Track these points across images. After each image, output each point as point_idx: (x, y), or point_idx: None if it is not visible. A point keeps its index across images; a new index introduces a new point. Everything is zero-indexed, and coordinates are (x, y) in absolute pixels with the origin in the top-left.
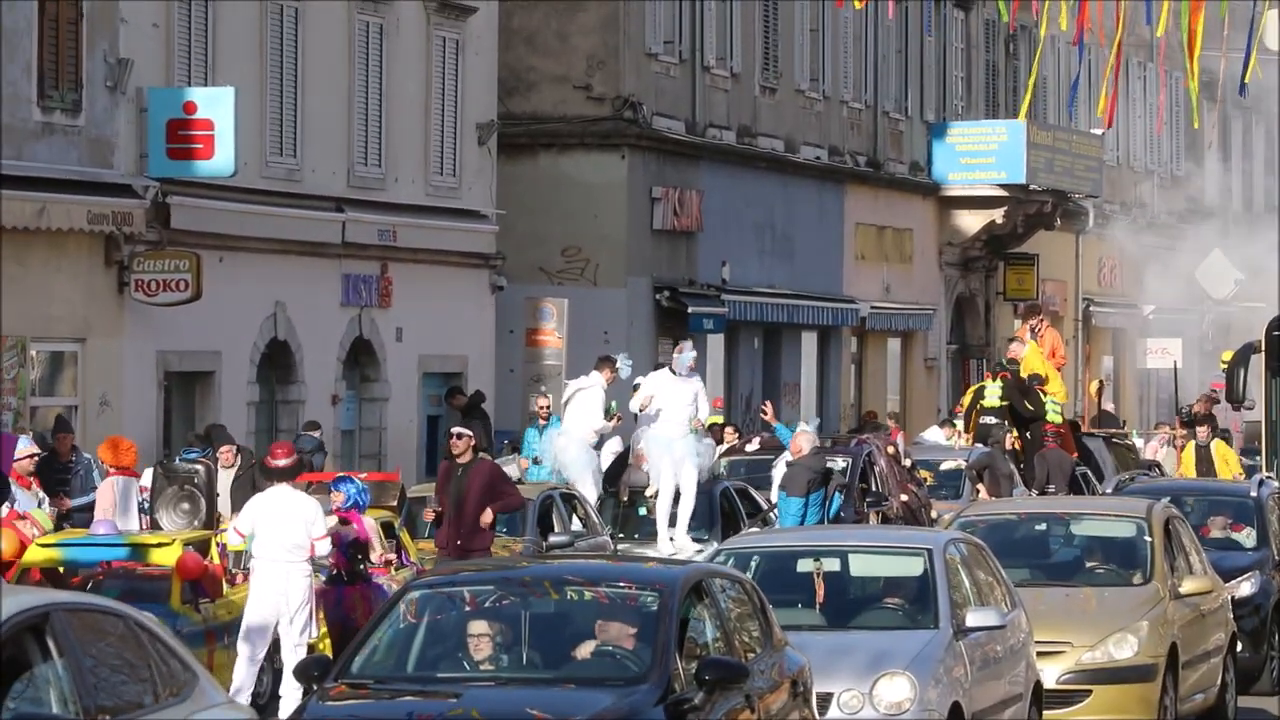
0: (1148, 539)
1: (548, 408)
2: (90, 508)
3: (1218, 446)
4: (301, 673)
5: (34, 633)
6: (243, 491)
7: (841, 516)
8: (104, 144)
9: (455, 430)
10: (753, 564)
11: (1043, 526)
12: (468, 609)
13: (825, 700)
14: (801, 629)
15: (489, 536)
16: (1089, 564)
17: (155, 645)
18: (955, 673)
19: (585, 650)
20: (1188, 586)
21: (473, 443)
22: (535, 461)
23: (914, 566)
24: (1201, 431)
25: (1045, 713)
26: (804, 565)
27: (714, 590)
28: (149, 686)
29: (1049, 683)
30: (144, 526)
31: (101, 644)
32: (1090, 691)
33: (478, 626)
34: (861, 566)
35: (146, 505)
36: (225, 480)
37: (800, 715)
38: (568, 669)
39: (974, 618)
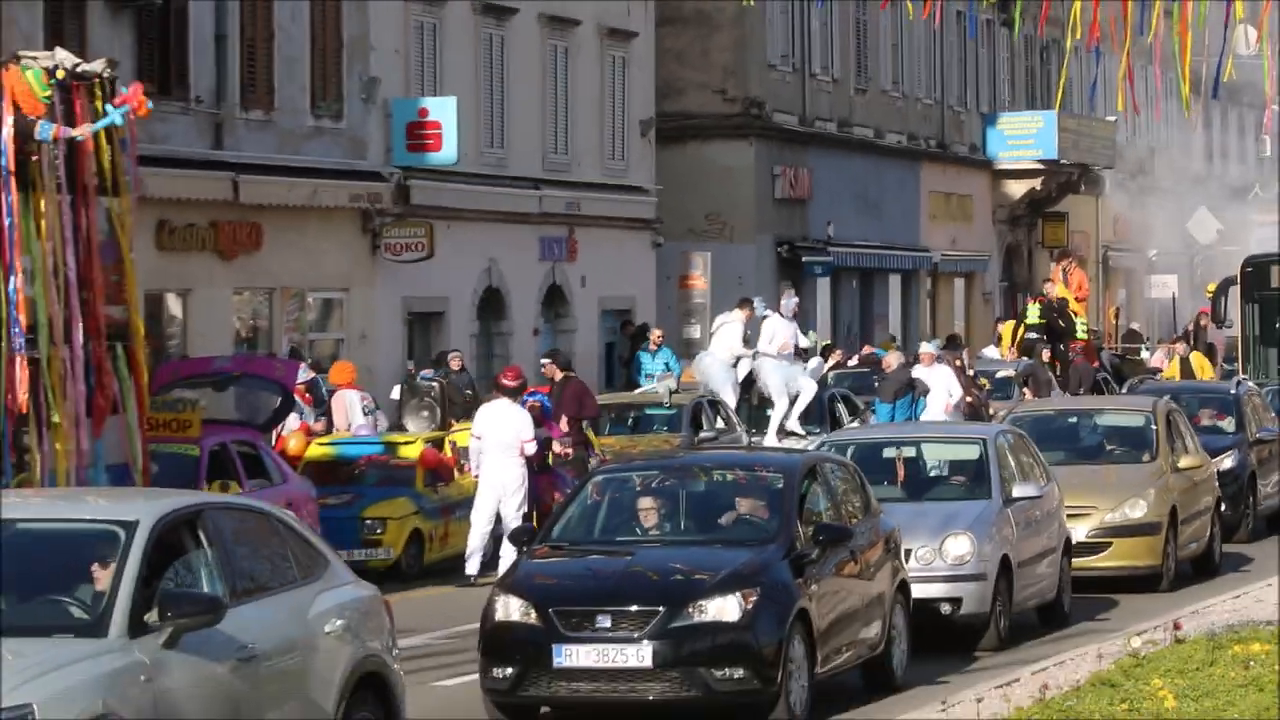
0: (1154, 427)
1: (661, 337)
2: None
3: (1195, 357)
4: (515, 538)
5: (188, 526)
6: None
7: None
8: (359, 142)
9: (543, 358)
10: (849, 452)
11: (1074, 419)
12: (638, 489)
13: (905, 555)
14: (886, 501)
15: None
16: (1109, 447)
17: (292, 536)
18: (1004, 532)
19: (729, 519)
20: (1184, 462)
21: (556, 364)
22: (648, 378)
23: (972, 452)
24: (1180, 347)
25: (1076, 559)
26: (888, 453)
27: (825, 472)
28: (286, 569)
29: (1079, 537)
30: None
31: (246, 536)
32: (1111, 543)
33: (645, 502)
34: (932, 453)
35: (369, 410)
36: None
37: (892, 564)
38: (716, 533)
39: (1018, 490)
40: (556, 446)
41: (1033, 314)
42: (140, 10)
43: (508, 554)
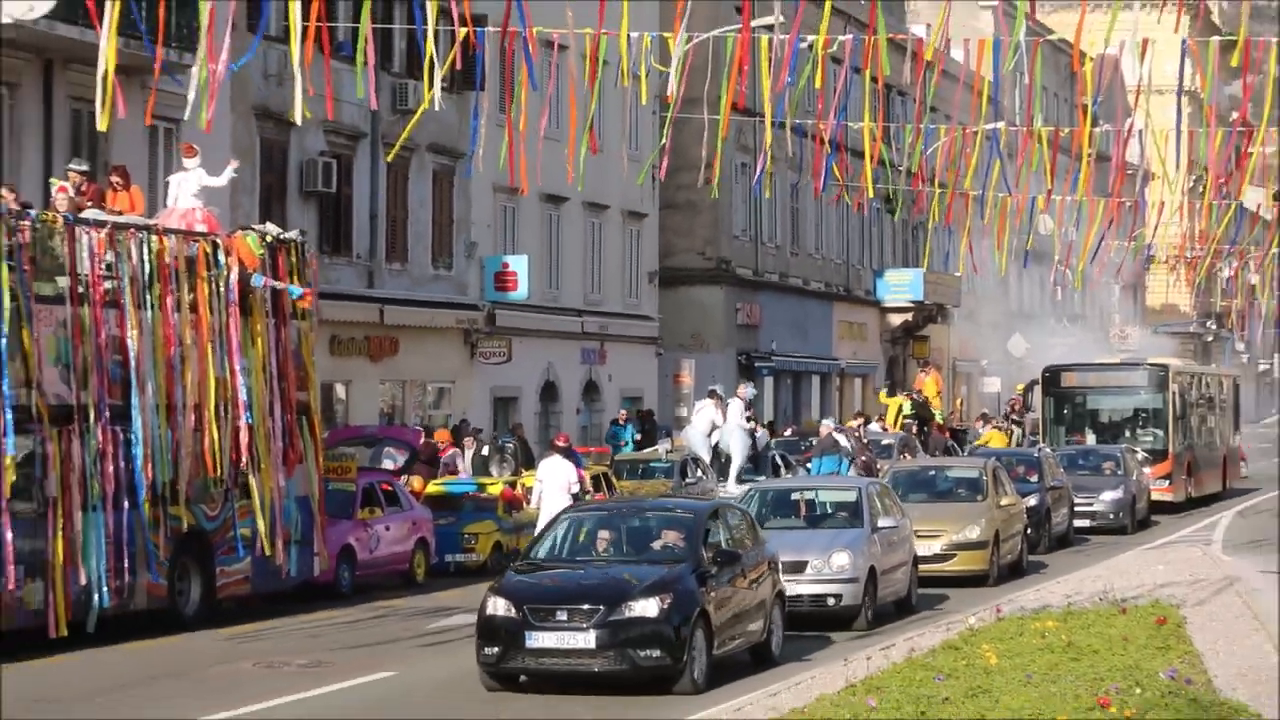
0: (984, 478)
1: (625, 416)
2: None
3: (992, 434)
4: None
5: None
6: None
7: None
8: (462, 284)
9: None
10: (769, 495)
11: (932, 472)
12: (594, 524)
13: (804, 565)
14: (793, 529)
15: None
16: (956, 490)
17: None
18: (872, 550)
19: (657, 545)
20: (1003, 501)
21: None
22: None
23: (851, 496)
24: (978, 423)
25: (933, 565)
26: (794, 496)
27: (725, 514)
28: None
29: (935, 549)
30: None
31: None
32: (956, 554)
33: (599, 534)
34: (824, 496)
35: (460, 463)
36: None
37: (773, 579)
38: (646, 555)
39: (882, 521)
40: (589, 490)
41: (908, 407)
42: (321, 197)
43: None
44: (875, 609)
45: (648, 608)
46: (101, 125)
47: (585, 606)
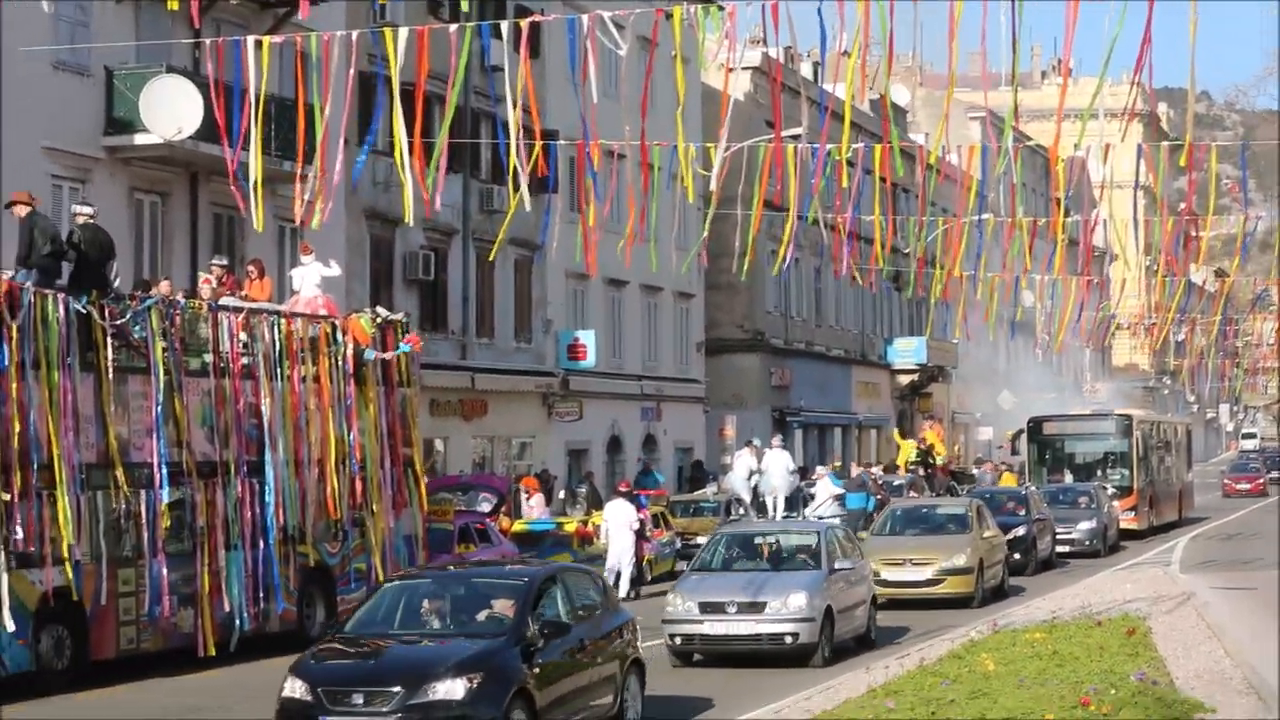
0: (970, 514)
1: (649, 464)
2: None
3: (1006, 476)
4: (335, 625)
5: None
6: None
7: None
8: (541, 354)
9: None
10: (735, 539)
11: (926, 509)
12: (417, 594)
13: (762, 605)
14: (755, 570)
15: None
16: (945, 524)
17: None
18: (830, 590)
19: (484, 615)
20: (986, 534)
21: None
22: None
23: (811, 540)
24: (989, 467)
25: (924, 589)
26: (758, 540)
27: (566, 579)
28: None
29: (927, 575)
30: (548, 514)
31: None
32: (945, 579)
33: (422, 604)
34: (786, 540)
35: (530, 505)
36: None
37: (625, 649)
38: (468, 628)
39: (839, 564)
40: (650, 527)
41: (915, 454)
42: (421, 284)
43: (623, 585)
44: (835, 645)
45: (453, 689)
46: (258, 226)
47: (384, 689)
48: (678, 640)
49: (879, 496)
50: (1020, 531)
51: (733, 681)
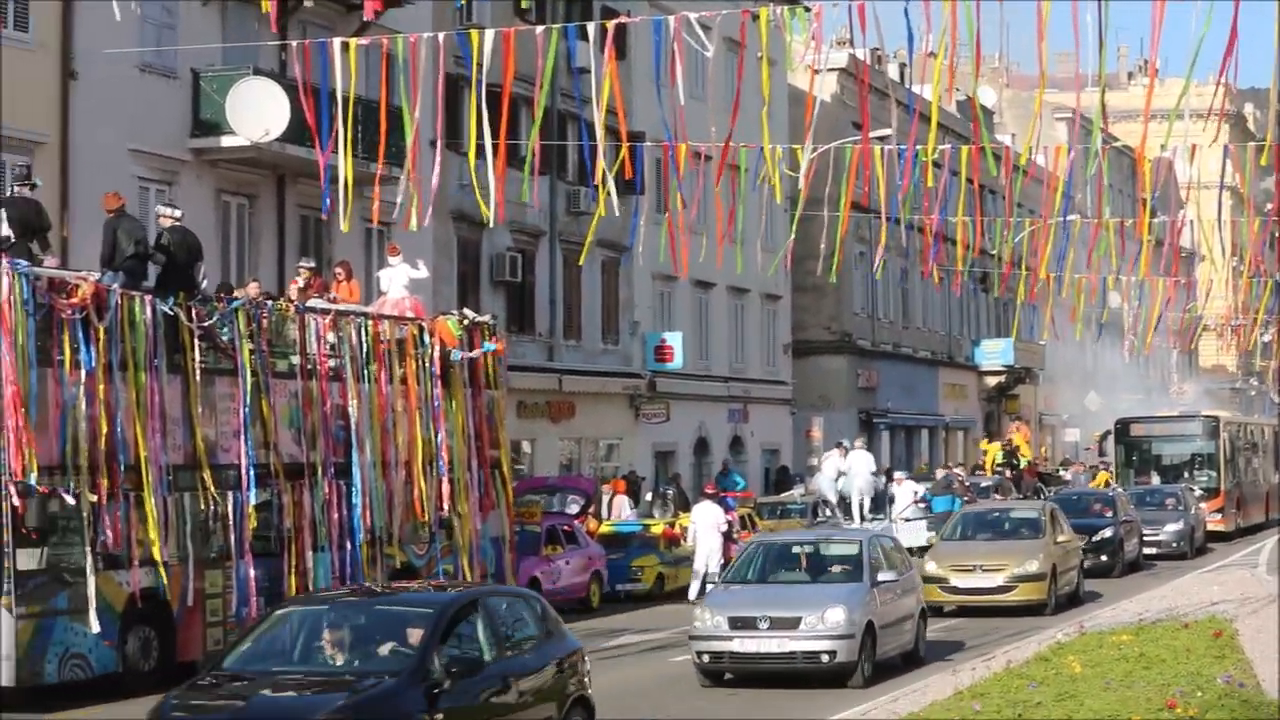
0: (1042, 518)
1: (727, 464)
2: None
3: (1104, 475)
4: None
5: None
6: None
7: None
8: (628, 356)
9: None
10: (772, 549)
11: (997, 514)
12: (311, 624)
13: (797, 620)
14: (793, 583)
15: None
16: (1018, 529)
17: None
18: (870, 604)
19: (384, 649)
20: (1060, 538)
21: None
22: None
23: (853, 549)
24: (1076, 468)
25: (995, 596)
26: (795, 549)
27: (489, 606)
28: None
29: (998, 582)
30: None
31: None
32: (1016, 586)
33: (317, 636)
34: (826, 549)
35: (632, 507)
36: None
37: (567, 685)
38: (364, 665)
39: (882, 575)
40: (736, 528)
41: (1002, 454)
42: (509, 286)
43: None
44: (876, 662)
45: None
46: (345, 227)
47: None
48: (706, 658)
49: (966, 499)
50: (1107, 533)
51: (761, 702)
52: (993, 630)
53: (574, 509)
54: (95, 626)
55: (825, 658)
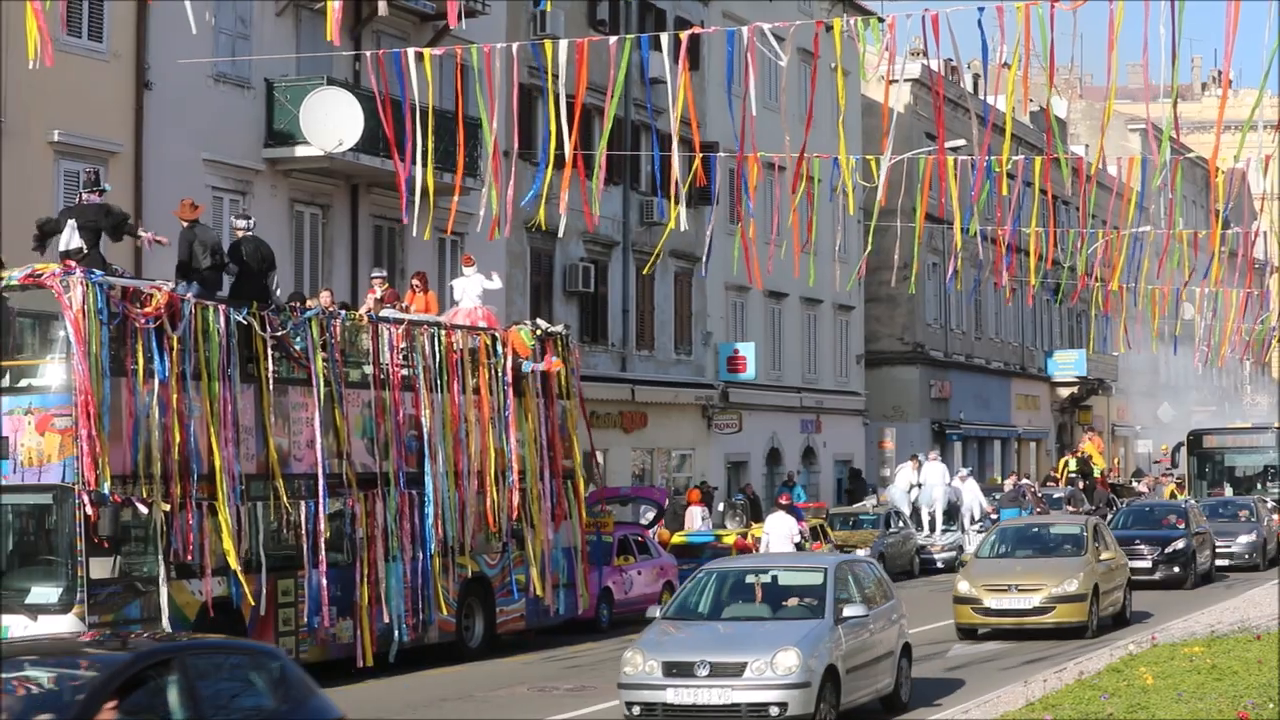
0: (1084, 534)
1: (792, 476)
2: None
3: (1169, 487)
4: None
5: None
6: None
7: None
8: (700, 367)
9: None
10: (726, 578)
11: (1037, 529)
12: (729, 579)
13: (742, 666)
14: (748, 618)
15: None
16: (1059, 545)
17: None
18: (833, 646)
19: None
20: (1104, 556)
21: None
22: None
23: (816, 579)
24: (1148, 481)
25: (1032, 618)
26: (749, 579)
27: (189, 665)
28: None
29: (1034, 603)
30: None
31: None
32: (1055, 607)
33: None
34: (785, 578)
35: (705, 517)
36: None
37: None
38: None
39: (849, 610)
40: (807, 539)
41: (1074, 465)
42: (581, 296)
43: None
44: (844, 711)
45: None
46: (425, 235)
47: None
48: (636, 709)
49: (1038, 509)
50: (1179, 545)
51: None
52: (1022, 656)
53: (647, 519)
54: None
55: (775, 710)
